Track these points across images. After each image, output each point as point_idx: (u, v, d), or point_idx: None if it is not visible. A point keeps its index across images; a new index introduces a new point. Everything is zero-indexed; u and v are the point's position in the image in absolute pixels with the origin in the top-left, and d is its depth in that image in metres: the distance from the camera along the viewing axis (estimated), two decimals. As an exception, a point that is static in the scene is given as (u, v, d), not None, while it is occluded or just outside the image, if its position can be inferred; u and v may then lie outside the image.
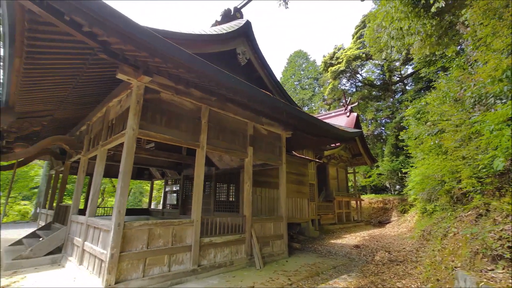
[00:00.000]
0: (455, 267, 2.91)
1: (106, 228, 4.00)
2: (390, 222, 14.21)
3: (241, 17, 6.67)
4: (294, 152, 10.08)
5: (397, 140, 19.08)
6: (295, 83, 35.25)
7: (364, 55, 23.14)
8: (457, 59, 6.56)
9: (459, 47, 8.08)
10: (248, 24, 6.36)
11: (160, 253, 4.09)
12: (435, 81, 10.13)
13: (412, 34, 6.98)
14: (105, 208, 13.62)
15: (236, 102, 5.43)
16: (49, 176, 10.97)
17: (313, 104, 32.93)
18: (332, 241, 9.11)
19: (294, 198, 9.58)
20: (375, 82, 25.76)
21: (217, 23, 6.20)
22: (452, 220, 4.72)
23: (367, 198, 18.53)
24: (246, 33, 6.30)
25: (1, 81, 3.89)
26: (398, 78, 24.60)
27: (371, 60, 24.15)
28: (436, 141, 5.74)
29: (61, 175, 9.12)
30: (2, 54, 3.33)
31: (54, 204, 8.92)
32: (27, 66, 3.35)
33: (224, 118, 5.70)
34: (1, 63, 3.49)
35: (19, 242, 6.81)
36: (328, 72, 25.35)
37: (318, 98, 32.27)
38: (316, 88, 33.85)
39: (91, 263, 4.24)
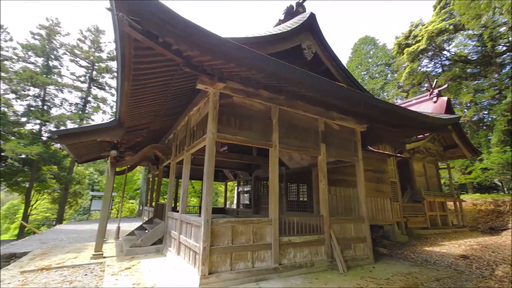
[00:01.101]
0: None
1: (196, 223, 4.46)
2: (507, 228, 11.21)
3: (304, 11, 6.48)
4: (369, 147, 9.13)
5: (510, 125, 15.02)
6: (362, 73, 32.23)
7: (451, 27, 19.21)
8: None
9: None
10: (312, 17, 6.12)
11: (244, 249, 4.29)
12: None
13: (531, -16, 5.35)
14: (188, 207, 15.48)
15: (305, 98, 5.27)
16: (147, 179, 13.20)
17: (385, 94, 29.35)
18: (427, 248, 7.79)
19: (374, 197, 8.66)
20: (469, 56, 21.00)
21: (280, 22, 6.21)
22: None
23: (470, 199, 15.17)
24: (310, 26, 6.08)
25: (116, 102, 4.84)
26: (505, 48, 19.40)
27: (462, 32, 19.86)
28: None
29: (156, 178, 10.79)
30: (115, 82, 4.14)
31: (153, 203, 10.64)
32: (133, 88, 4.07)
33: (293, 116, 5.62)
34: (115, 89, 4.29)
35: (132, 233, 8.37)
36: (403, 54, 22.12)
37: (392, 85, 28.56)
38: (389, 75, 30.05)
39: (187, 254, 4.80)
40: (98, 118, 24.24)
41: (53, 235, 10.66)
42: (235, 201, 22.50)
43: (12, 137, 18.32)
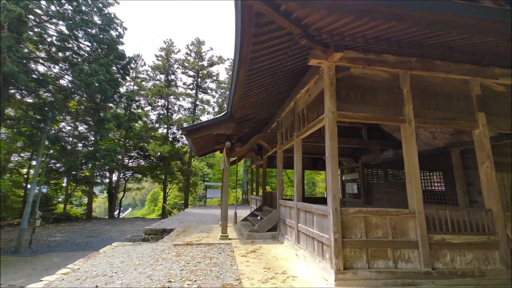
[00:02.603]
0: None
1: (320, 212, 4.10)
2: None
3: None
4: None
5: None
6: None
7: None
8: None
9: None
10: None
11: (381, 245, 3.60)
12: None
13: None
14: (285, 196, 15.60)
15: (455, 51, 3.92)
16: (251, 170, 14.13)
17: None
18: None
19: None
20: None
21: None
22: None
23: None
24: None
25: (229, 93, 5.06)
26: None
27: None
28: None
29: (260, 168, 11.29)
30: (231, 73, 4.25)
31: (260, 192, 11.21)
32: (247, 74, 4.08)
33: (431, 82, 4.37)
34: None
35: (245, 219, 9.03)
36: None
37: None
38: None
39: (309, 244, 4.53)
40: (204, 119, 28.16)
41: (185, 216, 13.03)
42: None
43: (151, 140, 23.81)
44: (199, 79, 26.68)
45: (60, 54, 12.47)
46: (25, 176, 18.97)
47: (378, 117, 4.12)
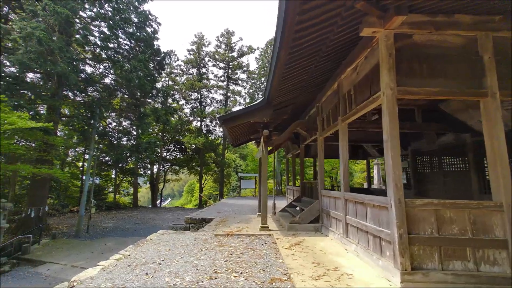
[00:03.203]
0: None
1: (376, 203, 3.62)
2: None
3: None
4: None
5: None
6: None
7: None
8: None
9: None
10: None
11: (458, 243, 3.03)
12: None
13: None
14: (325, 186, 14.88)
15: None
16: (286, 159, 13.75)
17: None
18: None
19: None
20: None
21: None
22: None
23: None
24: None
25: (267, 77, 4.71)
26: None
27: None
28: None
29: (296, 158, 10.85)
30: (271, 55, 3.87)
31: (296, 182, 10.82)
32: (289, 53, 3.68)
33: (521, 44, 3.50)
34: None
35: (283, 210, 8.77)
36: None
37: None
38: None
39: (362, 238, 4.09)
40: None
41: (221, 206, 13.26)
42: (375, 181, 19.91)
43: (186, 133, 24.69)
44: (229, 71, 26.74)
45: (103, 54, 13.29)
46: (81, 168, 21.14)
47: (449, 91, 3.46)
